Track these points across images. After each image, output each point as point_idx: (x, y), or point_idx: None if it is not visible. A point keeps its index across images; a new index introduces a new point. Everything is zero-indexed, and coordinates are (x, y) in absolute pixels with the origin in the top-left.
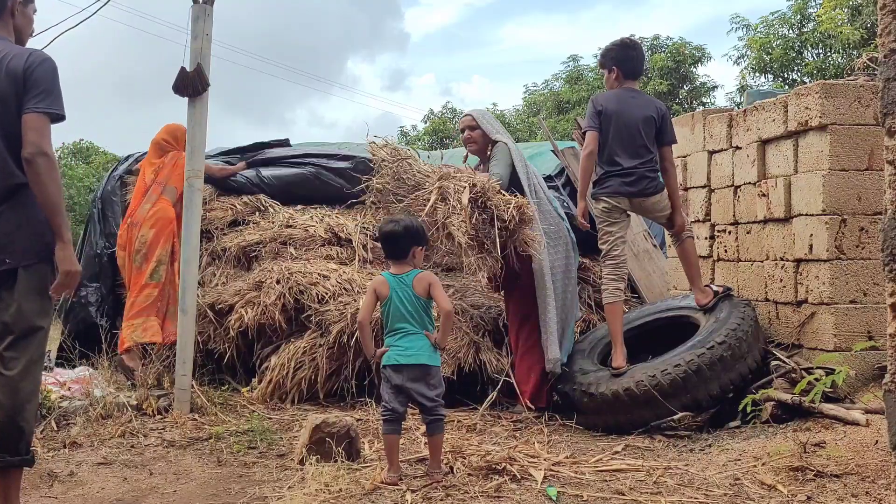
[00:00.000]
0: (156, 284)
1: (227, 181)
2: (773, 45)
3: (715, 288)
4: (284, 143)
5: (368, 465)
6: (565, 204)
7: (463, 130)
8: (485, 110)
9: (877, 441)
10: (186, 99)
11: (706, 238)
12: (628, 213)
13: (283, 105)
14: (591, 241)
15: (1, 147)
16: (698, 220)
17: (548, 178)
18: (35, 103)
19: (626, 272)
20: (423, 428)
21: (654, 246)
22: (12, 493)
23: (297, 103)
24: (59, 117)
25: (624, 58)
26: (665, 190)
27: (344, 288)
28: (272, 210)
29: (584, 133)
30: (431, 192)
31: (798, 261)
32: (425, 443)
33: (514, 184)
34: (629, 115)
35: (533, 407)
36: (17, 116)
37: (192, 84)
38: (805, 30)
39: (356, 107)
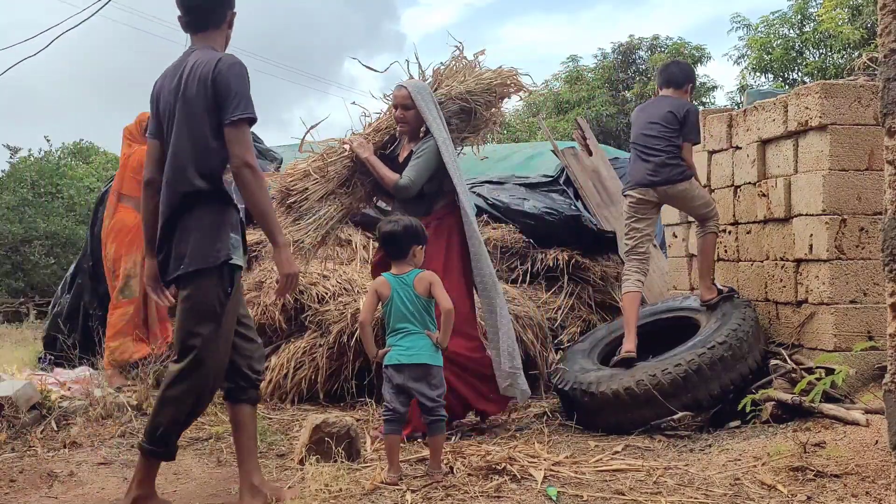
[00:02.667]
0: (129, 301)
1: None
2: (774, 44)
3: (720, 287)
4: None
5: (368, 465)
6: (571, 206)
7: (395, 107)
8: (424, 85)
9: (877, 441)
10: None
11: None
12: (658, 207)
13: (280, 105)
14: (591, 241)
15: (186, 153)
16: None
17: (548, 178)
18: (230, 112)
19: (648, 268)
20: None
21: (655, 246)
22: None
23: (295, 104)
24: (252, 120)
25: (658, 71)
26: (693, 180)
27: (344, 288)
28: None
29: None
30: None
31: (798, 261)
32: (425, 443)
33: (445, 178)
34: (642, 117)
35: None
36: (202, 122)
37: None
38: (805, 29)
39: (354, 107)
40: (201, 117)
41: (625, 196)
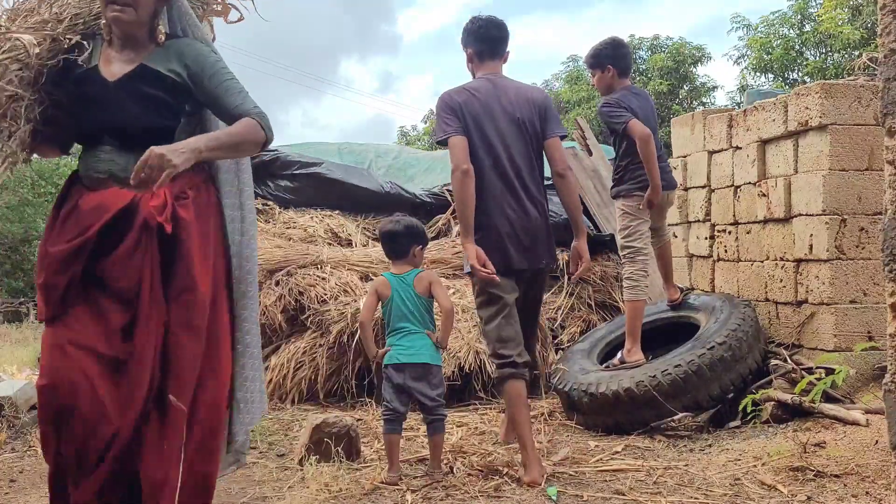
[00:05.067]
0: None
1: None
2: (774, 44)
3: (680, 286)
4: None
5: (368, 465)
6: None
7: None
8: None
9: (877, 441)
10: None
11: (706, 238)
12: None
13: (276, 106)
14: (589, 244)
15: (527, 166)
16: (698, 220)
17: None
18: (553, 129)
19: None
20: (424, 427)
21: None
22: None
23: (291, 104)
24: (564, 136)
25: (618, 56)
26: None
27: (344, 289)
28: (271, 211)
29: (625, 126)
30: None
31: (798, 261)
32: (424, 444)
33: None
34: (644, 112)
35: None
36: (535, 140)
37: None
38: (805, 29)
39: (350, 108)
40: (535, 136)
41: (628, 195)
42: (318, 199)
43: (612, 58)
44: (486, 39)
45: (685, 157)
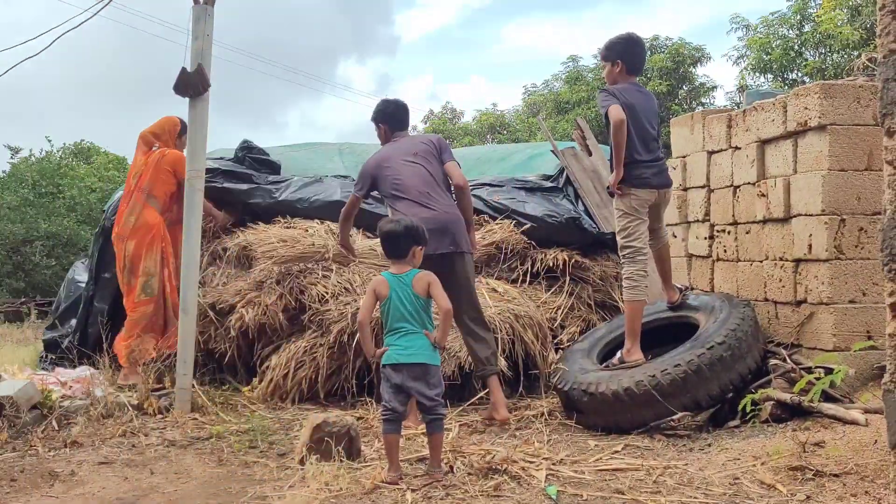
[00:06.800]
0: (150, 300)
1: None
2: (773, 45)
3: (679, 286)
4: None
5: (369, 464)
6: (571, 209)
7: None
8: None
9: (876, 440)
10: (187, 99)
11: (705, 238)
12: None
13: (274, 107)
14: (591, 243)
15: (437, 180)
16: (697, 220)
17: (548, 178)
18: (446, 157)
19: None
20: (423, 426)
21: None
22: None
23: (290, 105)
24: (458, 163)
25: (629, 53)
26: None
27: (344, 288)
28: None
29: (607, 111)
30: None
31: (797, 261)
32: (424, 444)
33: None
34: (642, 108)
35: None
36: (439, 162)
37: (192, 84)
38: (805, 30)
39: (349, 109)
40: (436, 162)
41: (635, 195)
42: None
43: (623, 53)
44: (397, 120)
45: (684, 157)
